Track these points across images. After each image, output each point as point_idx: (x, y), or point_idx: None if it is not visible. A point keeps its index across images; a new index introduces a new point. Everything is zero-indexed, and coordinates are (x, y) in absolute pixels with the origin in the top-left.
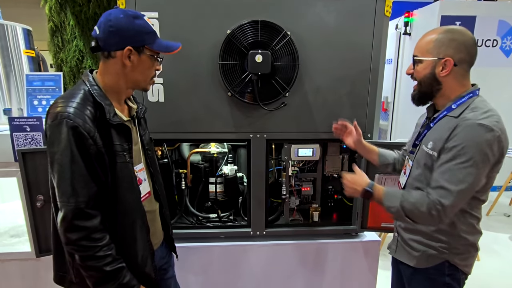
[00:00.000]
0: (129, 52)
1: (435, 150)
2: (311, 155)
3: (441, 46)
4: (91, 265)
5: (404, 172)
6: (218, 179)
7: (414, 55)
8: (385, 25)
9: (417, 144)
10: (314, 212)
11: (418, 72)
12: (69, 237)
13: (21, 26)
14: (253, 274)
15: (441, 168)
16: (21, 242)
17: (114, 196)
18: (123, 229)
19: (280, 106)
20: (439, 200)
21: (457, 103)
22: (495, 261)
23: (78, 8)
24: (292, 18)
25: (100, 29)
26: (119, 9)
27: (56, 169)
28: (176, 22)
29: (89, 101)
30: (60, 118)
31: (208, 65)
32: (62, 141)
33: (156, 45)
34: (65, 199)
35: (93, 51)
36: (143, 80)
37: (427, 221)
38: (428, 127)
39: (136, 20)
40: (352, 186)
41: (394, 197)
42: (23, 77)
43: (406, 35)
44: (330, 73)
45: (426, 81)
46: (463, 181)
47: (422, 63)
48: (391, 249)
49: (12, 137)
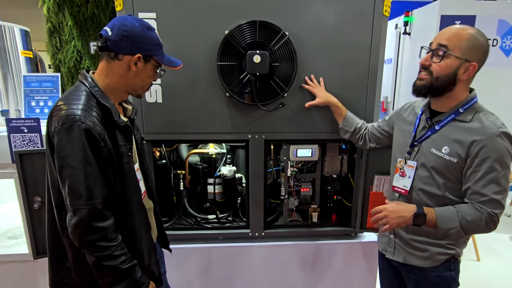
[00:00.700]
0: (138, 59)
1: (454, 156)
2: (310, 156)
3: (472, 48)
4: (108, 265)
5: (401, 174)
6: (217, 180)
7: (442, 44)
8: (384, 25)
9: (416, 145)
10: (313, 213)
11: (442, 67)
12: (87, 239)
13: (18, 27)
14: (252, 275)
15: (482, 181)
16: (19, 243)
17: (123, 196)
18: (132, 228)
19: (279, 106)
20: (493, 212)
21: (464, 107)
22: (495, 261)
23: (76, 8)
24: (290, 18)
25: (113, 31)
26: (134, 17)
27: (69, 173)
28: (174, 22)
29: (93, 103)
30: (71, 121)
31: (206, 66)
32: (75, 144)
33: (162, 58)
34: (81, 202)
35: (100, 50)
36: (141, 86)
37: (484, 231)
38: (432, 130)
39: (149, 31)
40: (398, 215)
41: (450, 219)
42: (21, 78)
43: (406, 34)
44: (329, 73)
45: (445, 78)
46: (506, 189)
47: (449, 59)
48: (387, 251)
49: (10, 138)
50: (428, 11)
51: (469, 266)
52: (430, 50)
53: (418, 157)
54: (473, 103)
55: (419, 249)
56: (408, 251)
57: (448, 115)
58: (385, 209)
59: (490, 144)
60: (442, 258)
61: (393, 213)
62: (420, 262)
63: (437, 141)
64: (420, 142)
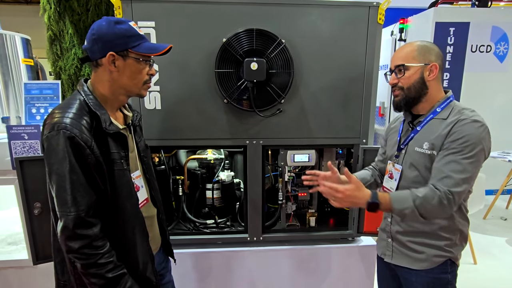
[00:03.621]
0: (112, 58)
1: (434, 149)
2: (307, 161)
3: (424, 54)
4: (94, 273)
5: (390, 176)
6: (215, 185)
7: (398, 65)
8: (378, 32)
9: (402, 148)
10: (310, 217)
11: (407, 78)
12: (71, 246)
13: (19, 36)
14: (250, 279)
15: (443, 160)
16: (18, 249)
17: (114, 203)
18: (124, 236)
19: (276, 112)
20: (448, 189)
21: (441, 106)
22: (492, 264)
23: (77, 16)
24: (287, 27)
25: (87, 39)
26: (104, 17)
27: (55, 180)
28: (172, 31)
29: (85, 111)
30: (57, 129)
31: (204, 73)
32: (60, 152)
33: (140, 47)
34: (65, 209)
35: (82, 61)
36: (133, 85)
37: (439, 213)
38: (415, 131)
39: (118, 25)
40: (350, 200)
41: (404, 199)
42: (21, 86)
43: (401, 41)
44: (325, 79)
45: (416, 85)
46: (467, 170)
47: (410, 70)
48: (385, 255)
49: (10, 145)
50: (423, 18)
51: (466, 269)
52: (392, 71)
53: (406, 159)
54: (449, 102)
55: (417, 251)
56: (406, 254)
57: (427, 115)
58: (344, 192)
59: (462, 129)
60: (438, 260)
61: (348, 197)
62: (417, 265)
63: (418, 140)
64: (406, 145)
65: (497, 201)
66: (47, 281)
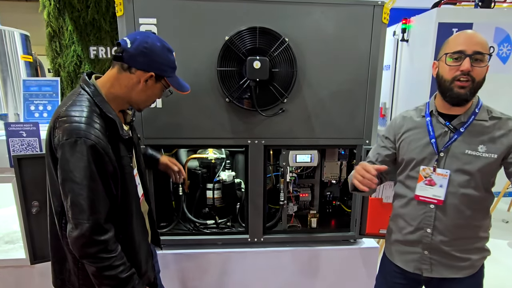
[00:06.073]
0: (150, 77)
1: (492, 152)
2: (309, 161)
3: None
4: (108, 275)
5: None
6: (216, 185)
7: (479, 51)
8: (383, 32)
9: (442, 151)
10: (312, 219)
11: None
12: (88, 251)
13: (19, 32)
14: (251, 281)
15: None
16: (15, 248)
17: (124, 206)
18: (132, 237)
19: (278, 112)
20: None
21: (478, 107)
22: (493, 267)
23: (77, 13)
24: (290, 25)
25: (133, 44)
26: (158, 36)
27: (71, 187)
28: (174, 28)
29: (96, 114)
30: (77, 136)
31: (206, 71)
32: (80, 160)
33: (173, 80)
34: (83, 217)
35: (115, 59)
36: (143, 102)
37: None
38: (458, 133)
39: (169, 53)
40: None
41: None
42: (20, 82)
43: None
44: (328, 79)
45: (483, 81)
46: None
47: (484, 62)
48: (422, 269)
49: (8, 142)
50: (425, 19)
51: None
52: (467, 56)
53: (449, 163)
54: (482, 102)
55: (461, 259)
56: (449, 265)
57: (469, 116)
58: None
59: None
60: (480, 263)
61: None
62: (462, 272)
63: (469, 142)
64: (448, 148)
65: (499, 203)
66: (44, 280)
